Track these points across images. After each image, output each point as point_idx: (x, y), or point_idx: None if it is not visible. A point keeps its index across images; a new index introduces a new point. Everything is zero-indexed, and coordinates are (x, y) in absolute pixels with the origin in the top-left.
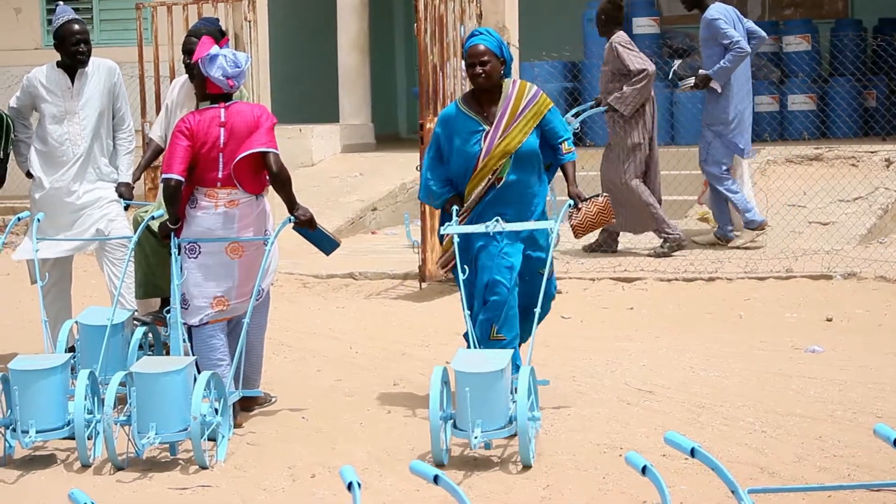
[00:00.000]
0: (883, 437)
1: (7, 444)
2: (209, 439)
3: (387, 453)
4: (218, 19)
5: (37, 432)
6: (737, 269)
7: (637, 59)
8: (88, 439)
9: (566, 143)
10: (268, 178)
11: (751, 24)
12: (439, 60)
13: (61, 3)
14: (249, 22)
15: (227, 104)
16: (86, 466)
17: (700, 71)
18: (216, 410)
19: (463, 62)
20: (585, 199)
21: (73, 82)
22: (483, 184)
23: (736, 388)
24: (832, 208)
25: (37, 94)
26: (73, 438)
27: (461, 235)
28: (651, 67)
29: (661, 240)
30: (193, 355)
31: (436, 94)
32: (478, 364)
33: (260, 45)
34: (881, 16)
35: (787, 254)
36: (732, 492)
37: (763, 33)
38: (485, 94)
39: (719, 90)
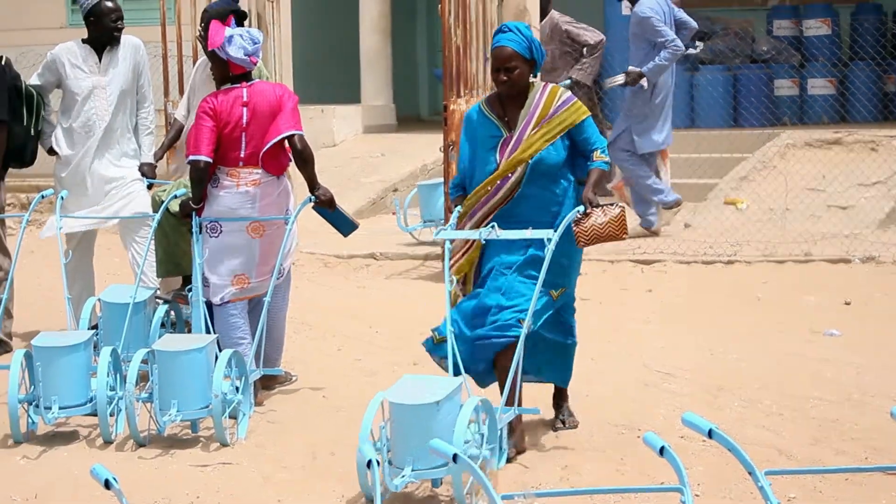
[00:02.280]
0: None
1: (30, 420)
2: (230, 417)
3: None
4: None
5: (60, 408)
6: (755, 253)
7: (591, 32)
8: (111, 416)
9: (598, 151)
10: (291, 155)
11: (681, 14)
12: (462, 42)
13: None
14: (272, 3)
15: (249, 83)
16: (108, 443)
17: (630, 67)
18: (237, 388)
19: (486, 43)
20: (598, 206)
21: (100, 59)
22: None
23: (754, 371)
24: (851, 192)
25: (63, 70)
26: (96, 415)
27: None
28: (602, 36)
29: None
30: (215, 333)
31: (459, 75)
32: (412, 394)
33: (282, 26)
34: None
35: (805, 237)
36: (749, 473)
37: (694, 24)
38: (510, 97)
39: (646, 87)
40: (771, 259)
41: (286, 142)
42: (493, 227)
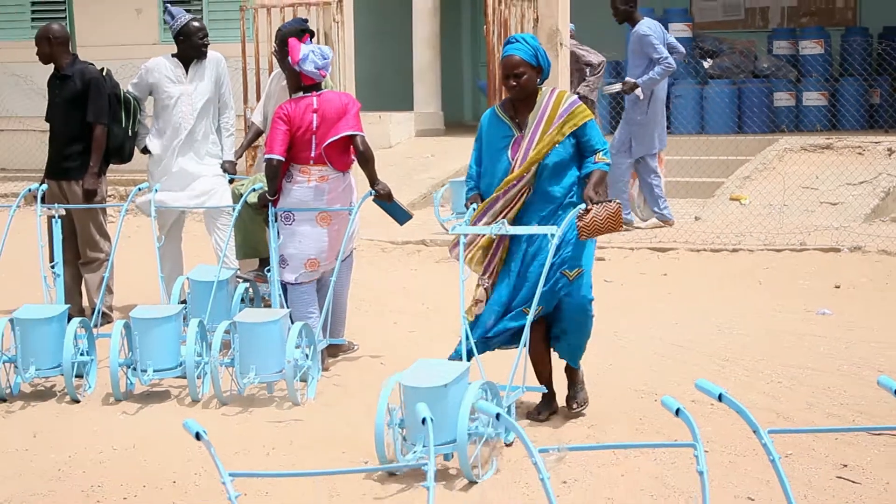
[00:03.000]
0: (886, 388)
1: (128, 381)
2: (301, 380)
3: None
4: (303, 19)
5: (154, 371)
6: (757, 242)
7: (593, 55)
8: (198, 378)
9: (601, 153)
10: (354, 156)
11: (672, 40)
12: None
13: (173, 7)
14: (337, 23)
15: (319, 93)
16: (195, 401)
17: (627, 78)
18: (307, 355)
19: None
20: (598, 203)
21: (187, 71)
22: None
23: (756, 345)
24: (841, 190)
25: (155, 80)
26: (185, 377)
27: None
28: (603, 57)
29: None
30: (288, 308)
31: (501, 86)
32: (423, 378)
33: (346, 43)
34: (886, 24)
35: (800, 229)
36: (754, 432)
37: (682, 49)
38: (521, 101)
39: (641, 97)
40: (770, 248)
41: (350, 143)
42: (502, 223)
